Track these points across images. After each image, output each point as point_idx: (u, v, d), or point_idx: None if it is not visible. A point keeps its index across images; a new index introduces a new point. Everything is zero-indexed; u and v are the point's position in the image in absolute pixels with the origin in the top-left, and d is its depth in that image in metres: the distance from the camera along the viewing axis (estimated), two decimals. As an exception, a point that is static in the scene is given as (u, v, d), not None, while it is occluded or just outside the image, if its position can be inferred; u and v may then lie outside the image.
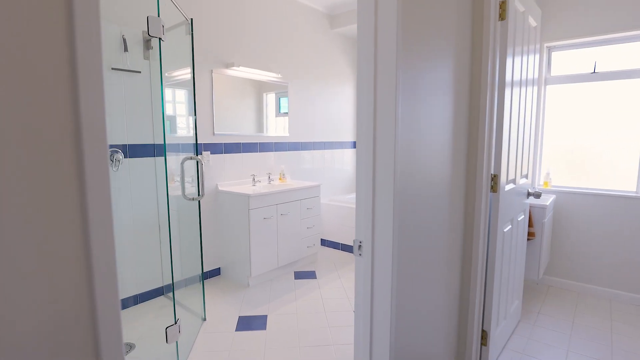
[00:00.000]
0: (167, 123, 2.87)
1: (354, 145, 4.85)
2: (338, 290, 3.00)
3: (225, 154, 3.22)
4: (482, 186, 1.74)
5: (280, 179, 3.67)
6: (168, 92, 2.83)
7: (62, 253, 0.50)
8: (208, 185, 3.12)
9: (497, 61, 1.71)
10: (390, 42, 1.07)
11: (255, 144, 3.49)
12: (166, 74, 2.77)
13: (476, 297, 1.81)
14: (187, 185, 2.45)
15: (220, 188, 3.16)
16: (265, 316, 2.54)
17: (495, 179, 1.80)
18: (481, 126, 1.71)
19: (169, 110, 2.80)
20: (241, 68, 3.23)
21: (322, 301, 2.78)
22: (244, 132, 3.38)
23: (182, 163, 2.17)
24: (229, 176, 3.28)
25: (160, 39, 1.82)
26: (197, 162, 2.20)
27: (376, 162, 1.15)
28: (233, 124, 3.28)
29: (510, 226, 2.06)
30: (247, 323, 2.45)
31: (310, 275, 3.34)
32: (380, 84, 1.11)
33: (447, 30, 1.44)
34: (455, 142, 1.61)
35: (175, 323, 1.91)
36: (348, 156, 4.75)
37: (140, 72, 2.58)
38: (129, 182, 2.56)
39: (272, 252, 3.16)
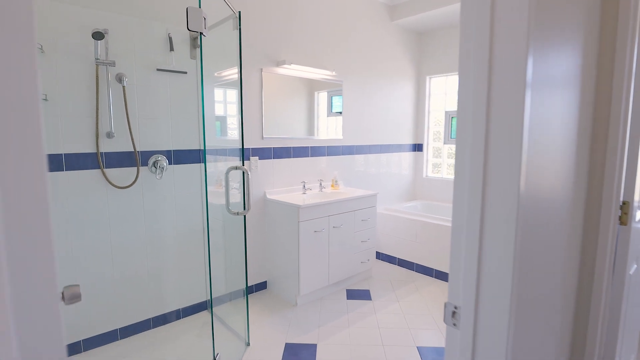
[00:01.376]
0: (215, 126, 2.68)
1: (414, 148, 4.41)
2: (396, 316, 2.62)
3: (274, 160, 2.98)
4: (610, 216, 1.28)
5: (332, 186, 3.37)
6: (217, 93, 2.64)
7: None
8: (255, 192, 2.90)
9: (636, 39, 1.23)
10: (519, 15, 0.69)
11: (306, 148, 3.21)
12: (215, 74, 2.58)
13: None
14: (233, 196, 2.23)
15: (268, 196, 2.93)
16: (315, 345, 2.25)
17: (625, 207, 1.33)
18: (612, 136, 1.25)
19: (218, 113, 2.61)
20: (293, 66, 2.97)
21: (378, 330, 2.43)
22: (294, 135, 3.11)
23: (227, 173, 1.94)
24: (278, 183, 3.03)
25: (201, 33, 1.59)
26: (243, 172, 1.96)
27: (488, 181, 0.78)
28: (283, 127, 3.04)
29: (635, 266, 1.56)
30: (295, 353, 2.17)
31: (364, 295, 3.00)
32: (498, 71, 0.74)
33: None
34: (578, 156, 1.18)
35: (215, 359, 1.68)
36: (406, 160, 4.32)
37: (186, 72, 2.41)
38: (173, 189, 2.40)
39: (323, 268, 2.87)
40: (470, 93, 0.80)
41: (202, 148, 2.54)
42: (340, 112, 3.44)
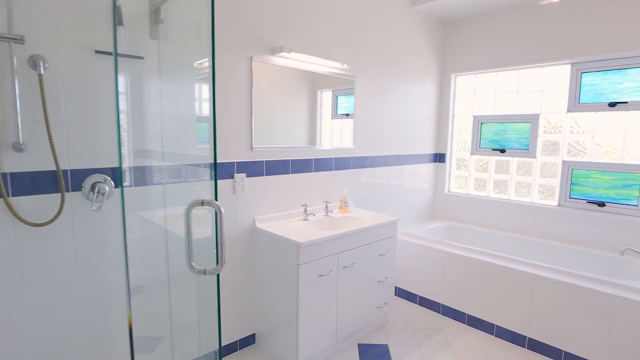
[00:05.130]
0: (192, 132, 1.98)
1: (434, 158, 3.72)
2: (429, 394, 1.93)
3: (267, 177, 2.29)
4: None
5: (341, 208, 2.68)
6: (186, 89, 1.94)
7: None
8: (242, 220, 2.20)
9: None
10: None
11: (309, 160, 2.52)
12: (194, 64, 1.88)
13: None
14: (199, 241, 1.54)
15: (258, 225, 2.23)
16: None
17: None
18: None
19: (184, 117, 1.91)
20: (293, 55, 2.28)
21: (408, 423, 1.74)
22: (293, 144, 2.42)
23: (188, 212, 1.25)
24: (272, 207, 2.34)
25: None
26: (218, 209, 1.25)
27: None
28: (278, 134, 2.34)
29: None
30: None
31: (382, 352, 2.31)
32: None
33: None
34: None
35: None
36: (426, 173, 3.63)
37: (143, 57, 1.71)
38: (119, 224, 1.69)
39: (329, 321, 2.18)
40: None
41: (165, 164, 1.84)
42: (347, 114, 2.75)
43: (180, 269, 1.97)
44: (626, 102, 2.68)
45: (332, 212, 2.60)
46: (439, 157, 3.73)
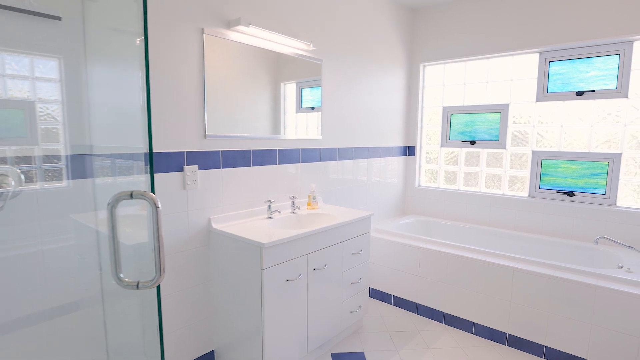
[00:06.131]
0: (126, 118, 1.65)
1: (404, 151, 3.58)
2: (412, 406, 1.74)
3: (223, 169, 1.99)
4: None
5: (309, 204, 2.43)
6: (120, 63, 1.61)
7: None
8: (195, 220, 1.89)
9: None
10: None
11: (272, 151, 2.25)
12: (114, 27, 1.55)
13: None
14: (126, 247, 1.24)
15: (214, 225, 1.93)
16: None
17: None
18: None
19: (116, 95, 1.58)
20: (252, 29, 2.00)
21: None
22: (255, 133, 2.15)
23: (111, 207, 0.95)
24: (231, 204, 2.05)
25: None
26: (153, 203, 0.96)
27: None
28: (237, 121, 2.06)
29: None
30: None
31: (358, 362, 2.10)
32: None
33: None
34: None
35: None
36: (397, 166, 3.48)
37: (60, 18, 1.37)
38: (25, 230, 1.34)
39: (299, 330, 1.93)
40: None
41: (95, 152, 1.51)
42: (313, 108, 2.51)
43: (124, 275, 1.63)
44: (593, 91, 2.66)
45: (299, 208, 2.35)
46: (409, 150, 3.60)
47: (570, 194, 2.78)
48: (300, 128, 2.44)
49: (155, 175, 1.69)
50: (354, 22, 2.76)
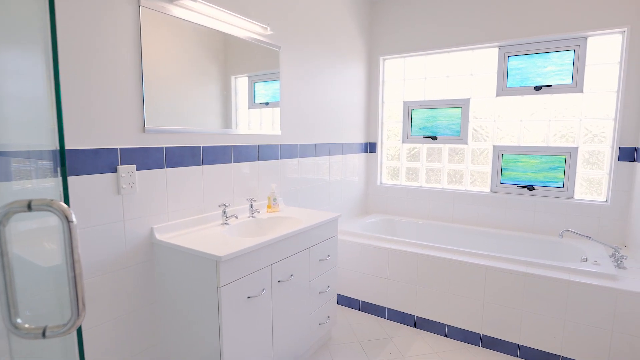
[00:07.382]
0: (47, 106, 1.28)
1: (366, 148, 3.44)
2: None
3: (168, 169, 1.68)
4: None
5: (269, 206, 2.18)
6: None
7: None
8: (135, 230, 1.57)
9: None
10: None
11: (226, 148, 1.97)
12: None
13: None
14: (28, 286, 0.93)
15: (158, 236, 1.62)
16: None
17: None
18: None
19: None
20: (199, 5, 1.71)
21: None
22: (204, 128, 1.86)
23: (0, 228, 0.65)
24: (177, 210, 1.74)
25: None
26: (64, 216, 0.67)
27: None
28: (182, 113, 1.76)
29: None
30: None
31: (330, 381, 1.89)
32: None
33: None
34: None
35: None
36: (358, 163, 3.33)
37: None
38: None
39: (264, 352, 1.68)
40: None
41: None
42: (267, 103, 2.26)
43: (34, 312, 1.28)
44: (550, 86, 2.69)
45: (258, 212, 2.09)
46: (370, 147, 3.47)
47: (531, 188, 2.80)
48: (253, 124, 2.18)
49: (78, 178, 1.35)
50: (316, 11, 2.55)
